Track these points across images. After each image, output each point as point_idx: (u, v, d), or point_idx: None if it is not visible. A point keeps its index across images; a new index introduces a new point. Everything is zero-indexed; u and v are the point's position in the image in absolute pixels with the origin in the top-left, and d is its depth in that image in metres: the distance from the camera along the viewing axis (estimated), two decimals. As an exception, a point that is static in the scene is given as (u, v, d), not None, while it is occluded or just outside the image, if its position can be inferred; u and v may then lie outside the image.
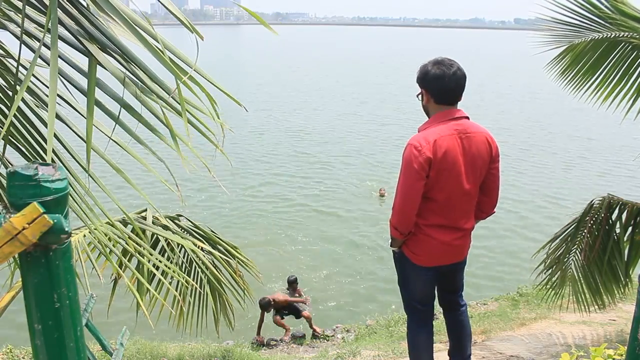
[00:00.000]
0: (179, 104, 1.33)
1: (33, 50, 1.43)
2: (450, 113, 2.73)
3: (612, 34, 3.80)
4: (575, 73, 4.19)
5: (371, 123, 23.22)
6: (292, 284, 7.76)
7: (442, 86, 2.70)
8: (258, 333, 7.17)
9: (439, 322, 7.00)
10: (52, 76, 1.15)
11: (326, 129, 21.93)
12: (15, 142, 1.79)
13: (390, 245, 2.99)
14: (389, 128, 22.16)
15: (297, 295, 7.71)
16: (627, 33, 3.69)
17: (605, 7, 3.79)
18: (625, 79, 3.94)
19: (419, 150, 2.61)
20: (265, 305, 7.08)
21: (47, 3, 1.31)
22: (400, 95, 31.44)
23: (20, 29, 1.34)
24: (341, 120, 23.81)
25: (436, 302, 3.18)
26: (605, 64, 4.00)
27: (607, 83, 4.03)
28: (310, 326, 7.33)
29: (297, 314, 7.38)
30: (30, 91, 1.70)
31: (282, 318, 7.36)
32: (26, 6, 1.40)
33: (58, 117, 1.71)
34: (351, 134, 21.01)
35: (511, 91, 34.27)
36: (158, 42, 1.23)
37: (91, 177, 1.64)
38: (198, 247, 3.60)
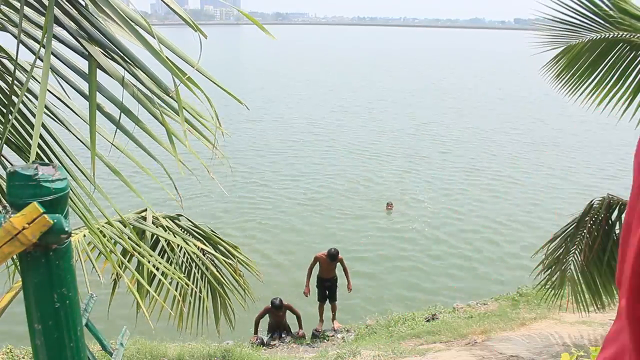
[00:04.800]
0: (177, 103, 1.32)
1: (32, 51, 1.43)
2: None
3: (610, 34, 3.79)
4: (571, 75, 4.16)
5: (376, 129, 23.20)
6: (335, 257, 7.30)
7: None
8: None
9: (439, 322, 7.02)
10: (44, 73, 1.15)
11: (328, 131, 21.94)
12: (14, 143, 1.79)
13: None
14: (395, 134, 22.16)
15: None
16: (627, 34, 3.68)
17: (607, 5, 3.76)
18: (622, 80, 3.90)
19: None
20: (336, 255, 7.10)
21: (46, 3, 1.31)
22: (410, 98, 31.48)
23: (18, 29, 1.34)
24: (344, 126, 23.81)
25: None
26: (602, 65, 3.97)
27: (603, 84, 4.00)
28: (334, 318, 7.48)
29: (334, 293, 7.41)
30: (30, 92, 1.70)
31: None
32: (25, 7, 1.40)
33: (58, 119, 1.71)
34: (354, 139, 21.01)
35: (511, 91, 34.27)
36: (156, 41, 1.22)
37: (89, 181, 1.64)
38: (198, 248, 3.60)
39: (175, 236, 3.50)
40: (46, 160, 1.80)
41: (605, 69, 3.97)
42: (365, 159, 17.13)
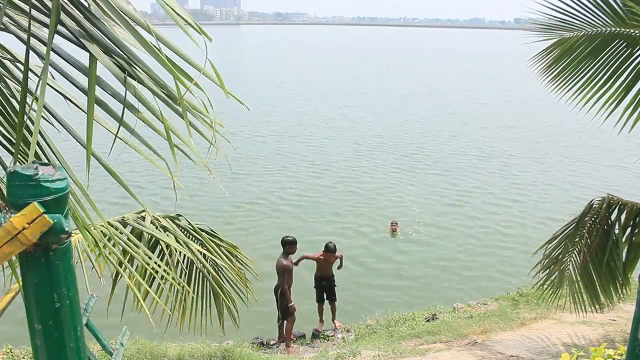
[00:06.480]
0: (180, 105, 1.31)
1: (33, 49, 1.43)
2: None
3: (607, 30, 3.73)
4: (562, 69, 4.05)
5: (375, 130, 23.19)
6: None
7: None
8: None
9: (439, 322, 7.02)
10: (44, 71, 1.15)
11: (326, 133, 21.94)
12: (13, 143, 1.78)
13: None
14: (394, 135, 22.15)
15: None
16: (626, 30, 3.62)
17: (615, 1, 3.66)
18: (614, 77, 3.82)
19: None
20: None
21: (49, 4, 1.30)
22: (412, 102, 31.46)
23: (22, 30, 1.34)
24: (343, 127, 23.79)
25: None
26: (595, 60, 3.88)
27: (594, 80, 3.90)
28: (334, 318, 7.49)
29: (333, 294, 7.42)
30: (29, 91, 1.69)
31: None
32: (27, 6, 1.40)
33: (56, 119, 1.71)
34: (353, 140, 21.00)
35: (510, 91, 34.27)
36: (161, 44, 1.21)
37: (77, 185, 1.62)
38: (198, 250, 3.60)
39: (177, 240, 3.49)
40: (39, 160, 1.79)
41: (597, 64, 3.88)
42: (365, 160, 17.12)
